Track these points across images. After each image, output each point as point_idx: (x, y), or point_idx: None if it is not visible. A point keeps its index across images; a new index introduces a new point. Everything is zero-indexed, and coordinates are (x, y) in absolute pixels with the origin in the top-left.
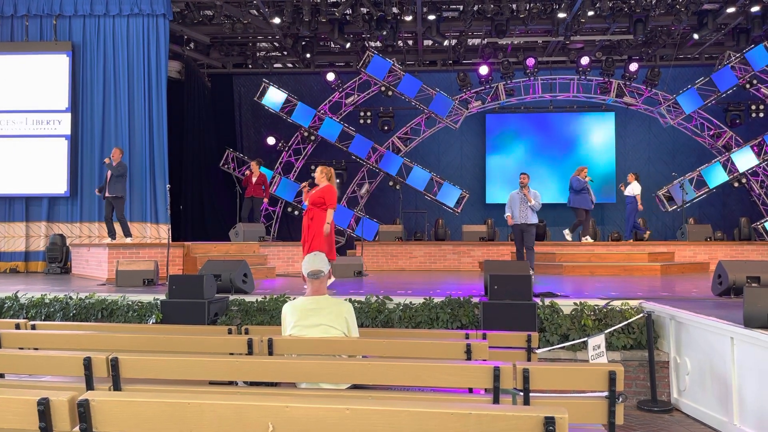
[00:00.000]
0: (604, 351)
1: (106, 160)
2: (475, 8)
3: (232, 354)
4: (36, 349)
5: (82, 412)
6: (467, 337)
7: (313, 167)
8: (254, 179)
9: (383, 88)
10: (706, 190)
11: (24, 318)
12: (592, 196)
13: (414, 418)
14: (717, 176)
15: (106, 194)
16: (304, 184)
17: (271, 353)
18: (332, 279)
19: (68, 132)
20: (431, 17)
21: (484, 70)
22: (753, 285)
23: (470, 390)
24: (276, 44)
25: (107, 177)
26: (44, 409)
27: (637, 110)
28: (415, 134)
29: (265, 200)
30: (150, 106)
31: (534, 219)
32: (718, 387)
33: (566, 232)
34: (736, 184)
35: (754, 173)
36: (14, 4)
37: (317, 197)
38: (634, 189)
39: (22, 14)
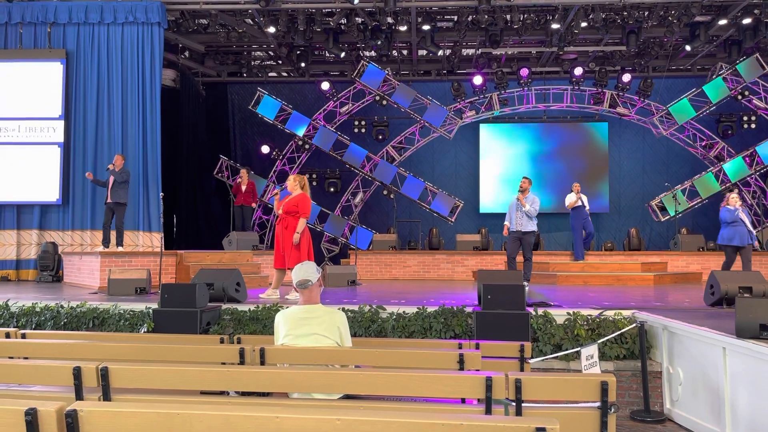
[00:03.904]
0: (597, 361)
1: (110, 167)
2: (470, 19)
3: (224, 363)
4: (26, 358)
5: (70, 423)
6: (460, 346)
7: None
8: (244, 188)
9: (378, 98)
10: (699, 200)
11: (14, 327)
12: (749, 226)
13: (405, 428)
14: (709, 186)
15: (108, 200)
16: (275, 192)
17: (263, 363)
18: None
19: (61, 140)
20: (426, 27)
21: (478, 80)
22: (745, 295)
23: (463, 400)
24: (271, 53)
25: (109, 183)
26: (32, 419)
27: (631, 120)
28: (410, 143)
29: (254, 204)
30: (144, 114)
31: (530, 227)
32: (711, 397)
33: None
34: None
35: (746, 184)
36: (8, 11)
37: (291, 206)
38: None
39: (17, 21)
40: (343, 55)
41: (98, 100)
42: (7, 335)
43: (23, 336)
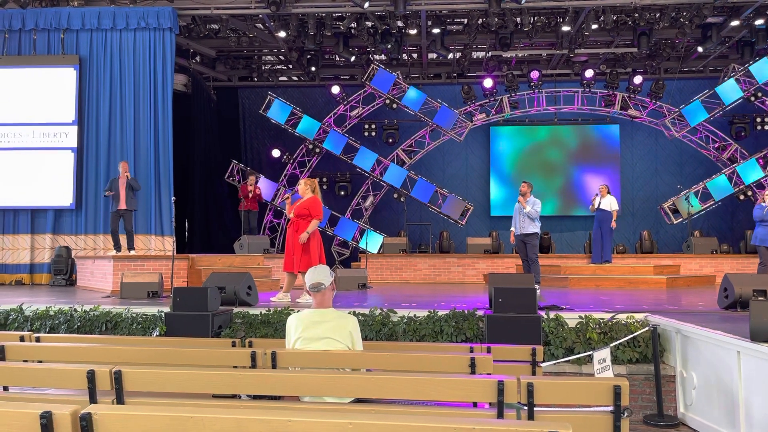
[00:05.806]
0: (610, 365)
1: (126, 174)
2: (480, 22)
3: (235, 367)
4: (40, 361)
5: (85, 426)
6: (472, 350)
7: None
8: (250, 194)
9: (388, 101)
10: (712, 202)
11: (28, 330)
12: None
13: None
14: (722, 189)
15: (121, 206)
16: (287, 196)
17: (274, 366)
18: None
19: (74, 144)
20: (436, 31)
21: (488, 82)
22: (759, 298)
23: (474, 404)
24: (281, 57)
25: (122, 190)
26: (47, 422)
27: (642, 122)
28: (420, 146)
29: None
30: (156, 118)
31: (531, 229)
32: (725, 401)
33: None
34: (741, 197)
35: (760, 186)
36: (22, 18)
37: (302, 209)
38: (612, 203)
39: (30, 28)
40: (353, 58)
41: (111, 105)
42: (22, 339)
43: (37, 339)
